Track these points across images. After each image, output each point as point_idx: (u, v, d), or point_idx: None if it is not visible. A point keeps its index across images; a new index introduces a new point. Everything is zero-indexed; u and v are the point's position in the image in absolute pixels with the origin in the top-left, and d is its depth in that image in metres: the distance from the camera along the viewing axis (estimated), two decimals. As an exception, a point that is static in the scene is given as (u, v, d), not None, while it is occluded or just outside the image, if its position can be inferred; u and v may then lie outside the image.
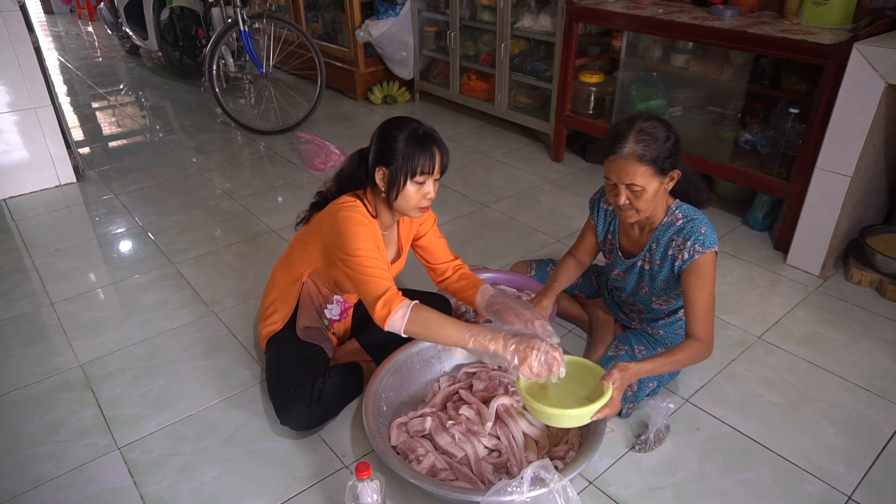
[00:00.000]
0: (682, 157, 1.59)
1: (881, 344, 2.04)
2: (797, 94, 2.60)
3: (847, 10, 2.33)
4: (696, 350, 1.57)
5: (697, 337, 1.57)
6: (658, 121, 1.55)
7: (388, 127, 1.59)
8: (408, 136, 1.55)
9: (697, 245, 1.58)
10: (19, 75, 2.92)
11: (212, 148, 3.74)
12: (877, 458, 1.63)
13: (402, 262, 1.87)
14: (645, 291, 1.80)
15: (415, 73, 4.35)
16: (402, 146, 1.54)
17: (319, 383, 1.67)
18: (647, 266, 1.74)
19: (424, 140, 1.55)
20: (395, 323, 1.49)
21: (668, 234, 1.67)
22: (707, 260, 1.58)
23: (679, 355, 1.55)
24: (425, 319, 1.49)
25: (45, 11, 8.23)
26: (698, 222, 1.62)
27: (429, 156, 1.55)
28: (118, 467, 1.63)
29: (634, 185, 1.54)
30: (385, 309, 1.49)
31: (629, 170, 1.53)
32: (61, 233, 2.78)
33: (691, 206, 1.68)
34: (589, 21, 3.04)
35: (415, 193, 1.58)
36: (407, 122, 1.59)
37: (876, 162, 2.29)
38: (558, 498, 1.30)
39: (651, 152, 1.51)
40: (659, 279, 1.73)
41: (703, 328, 1.57)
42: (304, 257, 1.77)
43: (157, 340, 2.10)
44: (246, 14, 3.73)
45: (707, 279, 1.58)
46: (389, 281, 1.54)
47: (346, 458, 1.66)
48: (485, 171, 3.37)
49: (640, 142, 1.51)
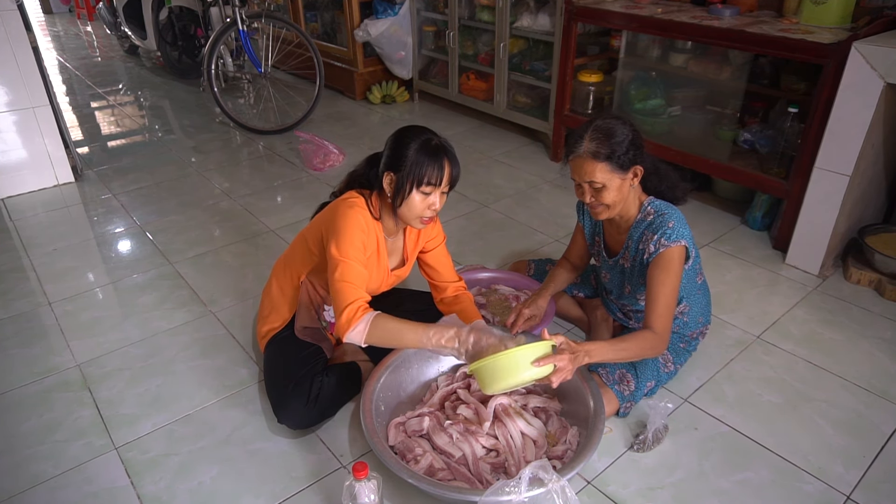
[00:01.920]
0: (644, 153, 1.62)
1: (880, 343, 2.04)
2: (796, 93, 2.60)
3: (846, 9, 2.33)
4: (649, 342, 1.56)
5: (654, 329, 1.57)
6: (616, 119, 1.59)
7: (403, 134, 1.60)
8: (420, 146, 1.56)
9: (663, 238, 1.59)
10: (17, 75, 2.91)
11: (210, 148, 3.73)
12: (875, 457, 1.63)
13: (407, 270, 1.87)
14: (629, 290, 1.81)
15: (414, 72, 4.34)
16: (412, 154, 1.55)
17: (317, 382, 1.67)
18: (626, 264, 1.77)
19: (436, 151, 1.56)
20: (355, 337, 1.52)
21: (640, 230, 1.69)
22: (672, 253, 1.59)
23: (631, 343, 1.55)
24: (383, 329, 1.53)
25: (43, 11, 8.23)
26: (668, 216, 1.63)
27: (437, 167, 1.56)
28: (115, 467, 1.63)
29: (594, 182, 1.59)
30: (347, 323, 1.51)
31: (586, 167, 1.58)
32: (59, 232, 2.78)
33: (665, 202, 1.70)
34: (588, 20, 3.04)
35: (419, 203, 1.59)
36: (422, 131, 1.60)
37: (875, 161, 2.29)
38: (556, 498, 1.30)
39: (605, 149, 1.55)
40: (636, 275, 1.75)
41: (660, 321, 1.58)
42: (304, 255, 1.77)
43: (154, 340, 2.10)
44: (245, 14, 3.73)
45: (671, 273, 1.59)
46: (361, 292, 1.56)
47: (344, 457, 1.65)
48: (484, 171, 3.37)
49: (594, 140, 1.56)
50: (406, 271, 1.87)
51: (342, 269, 1.55)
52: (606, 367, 1.72)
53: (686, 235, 1.61)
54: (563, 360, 1.42)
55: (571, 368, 1.44)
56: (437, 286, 1.91)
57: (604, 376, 1.70)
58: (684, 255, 1.62)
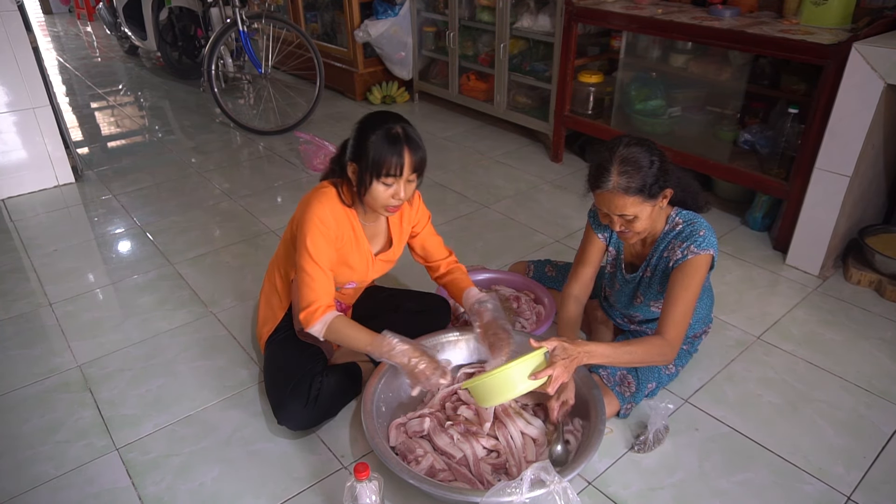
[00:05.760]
0: (671, 174, 1.55)
1: (880, 344, 2.04)
2: (796, 94, 2.60)
3: (846, 10, 2.33)
4: (658, 348, 1.52)
5: (666, 336, 1.53)
6: (639, 145, 1.51)
7: (364, 123, 1.57)
8: (380, 136, 1.51)
9: (693, 245, 1.56)
10: (18, 75, 2.91)
11: (211, 148, 3.73)
12: (876, 458, 1.63)
13: (395, 254, 1.84)
14: (641, 301, 1.78)
15: (414, 73, 4.34)
16: (371, 145, 1.51)
17: (317, 383, 1.67)
18: (646, 275, 1.73)
19: (395, 141, 1.52)
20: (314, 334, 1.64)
21: (666, 241, 1.65)
22: (700, 261, 1.55)
23: (638, 348, 1.51)
24: (337, 333, 1.62)
25: (43, 11, 8.23)
26: (698, 225, 1.60)
27: (397, 157, 1.51)
28: (117, 468, 1.63)
29: (626, 215, 1.53)
30: (306, 321, 1.62)
31: (616, 202, 1.51)
32: (60, 233, 2.78)
33: (691, 212, 1.66)
34: (588, 21, 3.04)
35: (382, 193, 1.56)
36: (383, 119, 1.55)
37: (875, 162, 2.29)
38: (558, 499, 1.30)
39: (635, 182, 1.48)
40: (654, 284, 1.71)
41: (675, 329, 1.54)
42: (291, 253, 1.76)
43: (155, 341, 2.10)
44: (245, 14, 3.73)
45: (695, 280, 1.54)
46: (319, 294, 1.61)
47: (345, 458, 1.65)
48: (484, 172, 3.37)
49: (624, 174, 1.48)
50: (394, 254, 1.84)
51: (306, 266, 1.60)
52: (608, 368, 1.72)
53: (714, 245, 1.57)
54: (557, 369, 1.41)
55: (567, 375, 1.43)
56: (431, 266, 1.91)
57: (605, 377, 1.70)
58: (710, 265, 1.59)
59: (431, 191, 3.16)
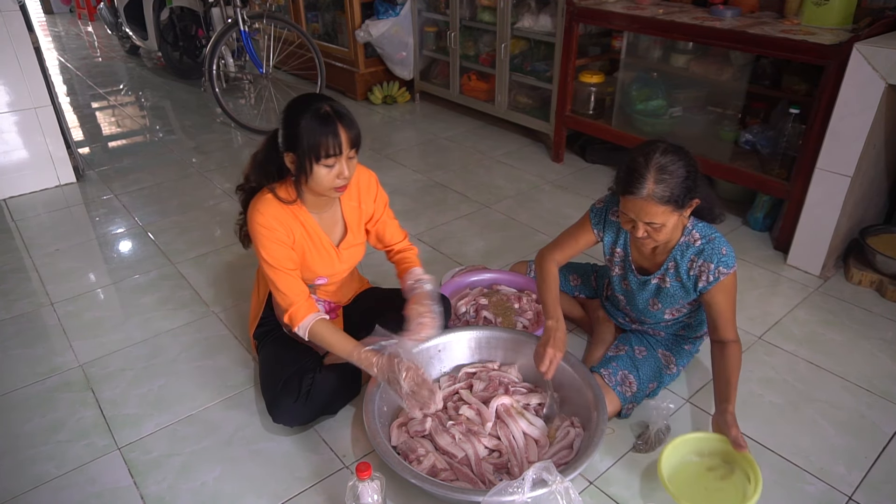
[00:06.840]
0: (701, 184, 1.54)
1: (881, 344, 2.04)
2: (797, 94, 2.60)
3: (847, 10, 2.33)
4: (737, 351, 1.61)
5: (730, 339, 1.62)
6: (675, 153, 1.47)
7: (290, 109, 1.52)
8: (309, 119, 1.46)
9: (722, 267, 1.57)
10: (19, 75, 2.92)
11: (212, 148, 3.74)
12: (877, 458, 1.63)
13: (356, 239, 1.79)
14: (658, 307, 1.77)
15: (415, 73, 4.34)
16: (303, 129, 1.46)
17: (308, 379, 1.67)
18: (664, 285, 1.71)
19: (326, 120, 1.47)
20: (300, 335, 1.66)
21: (687, 255, 1.63)
22: (731, 278, 1.60)
23: (732, 365, 1.58)
24: (320, 338, 1.64)
25: (44, 11, 8.24)
26: (717, 243, 1.59)
27: (332, 137, 1.47)
28: (118, 467, 1.63)
29: (654, 223, 1.51)
30: (290, 323, 1.65)
31: (647, 209, 1.48)
32: (61, 233, 2.78)
33: (706, 223, 1.65)
34: (589, 21, 3.04)
35: (326, 176, 1.52)
36: (308, 101, 1.50)
37: (876, 162, 2.29)
38: (560, 499, 1.30)
39: (669, 192, 1.45)
40: (677, 296, 1.70)
41: (733, 330, 1.63)
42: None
43: (157, 340, 2.10)
44: (246, 14, 3.73)
45: (732, 292, 1.62)
46: (294, 294, 1.63)
47: (347, 458, 1.65)
48: (485, 172, 3.37)
49: (661, 182, 1.44)
50: (355, 239, 1.78)
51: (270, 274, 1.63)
52: (609, 368, 1.72)
53: (734, 256, 1.61)
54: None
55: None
56: (387, 250, 1.91)
57: (606, 377, 1.70)
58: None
59: (432, 191, 3.16)
